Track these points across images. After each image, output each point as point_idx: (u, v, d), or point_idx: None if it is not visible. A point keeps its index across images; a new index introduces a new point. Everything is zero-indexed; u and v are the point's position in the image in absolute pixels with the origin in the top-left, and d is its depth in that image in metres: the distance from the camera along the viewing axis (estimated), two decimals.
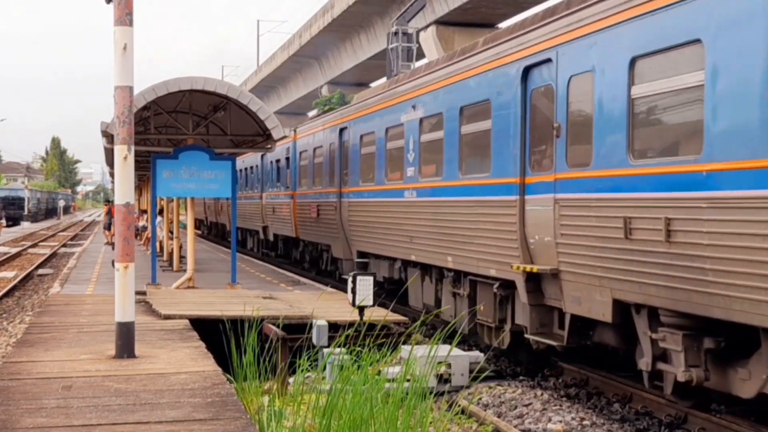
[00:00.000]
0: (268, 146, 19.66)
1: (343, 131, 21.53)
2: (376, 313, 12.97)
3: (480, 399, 11.54)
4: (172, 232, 25.55)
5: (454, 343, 8.92)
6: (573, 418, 10.50)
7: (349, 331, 9.20)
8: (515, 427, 10.18)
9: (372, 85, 62.53)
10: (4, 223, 65.42)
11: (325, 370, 9.31)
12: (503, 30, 13.75)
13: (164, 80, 17.19)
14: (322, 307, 14.54)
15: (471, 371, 11.86)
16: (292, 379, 9.32)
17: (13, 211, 79.08)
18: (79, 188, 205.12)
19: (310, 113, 71.42)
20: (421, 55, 41.91)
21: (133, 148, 10.01)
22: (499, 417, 10.62)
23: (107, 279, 19.39)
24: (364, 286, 12.66)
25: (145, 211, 34.86)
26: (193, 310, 13.99)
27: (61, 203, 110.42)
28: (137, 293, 11.65)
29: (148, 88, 16.92)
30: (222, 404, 7.78)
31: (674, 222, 8.93)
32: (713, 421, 9.73)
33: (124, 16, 9.85)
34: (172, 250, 24.51)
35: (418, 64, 31.10)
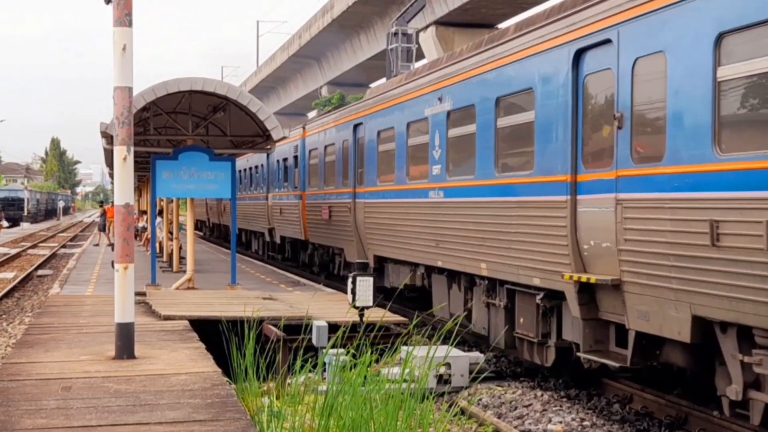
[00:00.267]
0: (268, 147, 19.66)
1: (358, 127, 20.22)
2: (377, 314, 12.96)
3: (480, 400, 11.53)
4: (171, 233, 25.54)
5: (452, 344, 8.87)
6: (573, 419, 10.48)
7: (342, 331, 9.14)
8: (515, 427, 10.17)
9: (372, 86, 62.65)
10: (4, 224, 65.45)
11: (325, 371, 9.30)
12: (541, 13, 12.31)
13: (163, 81, 17.19)
14: (322, 307, 14.54)
15: (471, 372, 11.85)
16: (292, 380, 9.31)
17: (13, 211, 79.18)
18: (79, 189, 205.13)
19: (310, 114, 71.51)
20: (420, 55, 41.90)
21: (132, 149, 10.00)
22: (499, 418, 10.61)
23: (107, 280, 19.38)
24: (364, 286, 12.64)
25: (145, 212, 34.88)
26: (193, 311, 13.99)
27: (61, 204, 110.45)
28: (137, 294, 11.66)
29: (147, 89, 16.91)
30: (222, 405, 7.78)
31: None
32: (713, 422, 9.71)
33: (124, 17, 9.84)
34: (172, 250, 24.51)
35: (417, 65, 31.08)
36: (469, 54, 14.16)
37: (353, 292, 12.62)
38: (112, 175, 13.40)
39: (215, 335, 10.83)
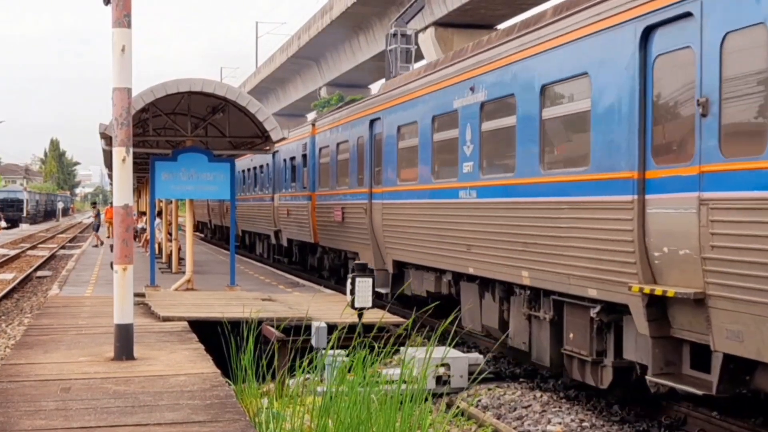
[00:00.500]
0: (267, 148, 19.67)
1: (375, 123, 18.86)
2: (376, 315, 12.95)
3: (479, 400, 11.53)
4: (171, 234, 25.54)
5: (451, 345, 8.85)
6: (572, 420, 10.48)
7: (339, 331, 9.13)
8: (514, 428, 10.17)
9: (371, 87, 62.69)
10: (2, 224, 65.45)
11: (324, 372, 9.30)
12: None
13: (162, 82, 17.19)
14: (321, 308, 14.54)
15: (470, 373, 11.84)
16: (291, 381, 9.31)
17: (12, 213, 79.27)
18: (78, 190, 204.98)
19: (309, 115, 71.50)
20: (419, 56, 41.90)
21: (131, 150, 10.00)
22: (498, 419, 10.61)
23: (106, 281, 19.38)
24: (363, 287, 12.63)
25: (144, 213, 34.89)
26: (192, 312, 13.99)
27: (60, 205, 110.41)
28: (136, 295, 11.66)
29: (146, 90, 16.92)
30: (221, 406, 7.77)
31: None
32: (713, 423, 9.71)
33: (122, 18, 9.84)
34: (171, 252, 24.51)
35: (416, 66, 31.08)
36: (506, 38, 12.83)
37: (352, 293, 12.62)
38: (111, 176, 13.40)
39: (214, 336, 10.81)
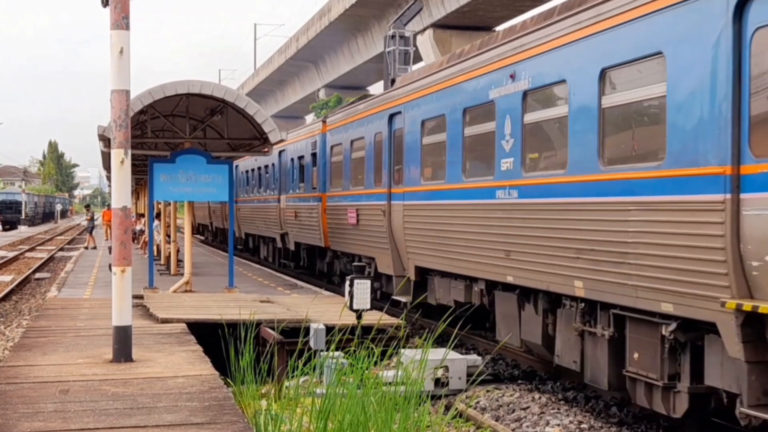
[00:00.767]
0: (266, 150, 19.67)
1: (395, 117, 17.52)
2: (374, 317, 12.95)
3: (477, 402, 11.53)
4: (169, 236, 25.54)
5: (450, 347, 8.86)
6: (571, 422, 10.48)
7: (337, 333, 9.13)
8: (513, 430, 10.18)
9: (370, 89, 62.70)
10: (0, 227, 65.43)
11: (323, 374, 9.30)
12: None
13: (161, 84, 17.20)
14: (319, 310, 14.53)
15: (469, 375, 11.84)
16: (290, 383, 9.31)
17: (11, 215, 79.35)
18: (77, 192, 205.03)
19: (308, 117, 71.57)
20: (418, 58, 41.94)
21: (130, 152, 10.00)
22: (496, 420, 10.61)
23: (104, 283, 19.38)
24: (362, 289, 12.63)
25: (143, 215, 34.87)
26: (191, 314, 13.98)
27: (59, 207, 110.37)
28: (134, 297, 11.65)
29: (144, 92, 16.92)
30: (219, 408, 7.77)
31: None
32: (712, 425, 9.71)
33: (121, 20, 9.84)
34: (170, 253, 24.51)
35: (414, 68, 31.10)
36: (554, 19, 11.44)
37: (351, 295, 12.62)
38: (109, 178, 13.38)
39: (213, 338, 10.82)
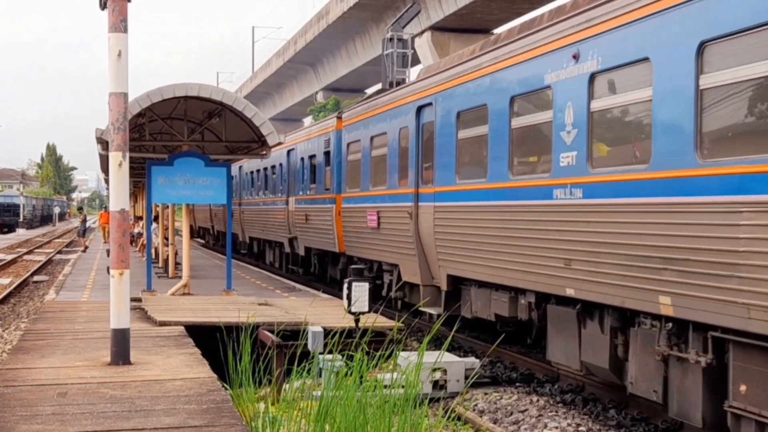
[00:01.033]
0: (263, 152, 19.66)
1: (424, 110, 15.99)
2: (372, 320, 12.95)
3: (476, 405, 11.53)
4: (167, 239, 25.53)
5: (444, 348, 8.81)
6: (569, 425, 10.49)
7: (335, 336, 9.11)
8: None
9: (368, 92, 62.75)
10: None
11: (320, 377, 9.31)
12: None
13: (159, 87, 17.20)
14: (317, 313, 14.54)
15: (467, 377, 11.85)
16: (287, 386, 9.31)
17: (9, 217, 79.37)
18: (75, 195, 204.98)
19: (306, 120, 71.58)
20: (416, 61, 41.97)
21: (128, 155, 10.00)
22: (494, 423, 10.62)
23: (102, 286, 19.37)
24: (360, 292, 12.63)
25: (141, 218, 34.86)
26: (189, 317, 13.98)
27: (57, 210, 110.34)
28: (132, 300, 11.65)
29: (142, 95, 16.92)
30: (217, 411, 7.77)
31: None
32: (710, 427, 9.71)
33: (119, 23, 9.84)
34: (168, 256, 24.50)
35: (413, 71, 31.12)
36: None
37: (349, 298, 12.62)
38: (107, 181, 13.41)
39: (211, 341, 10.82)
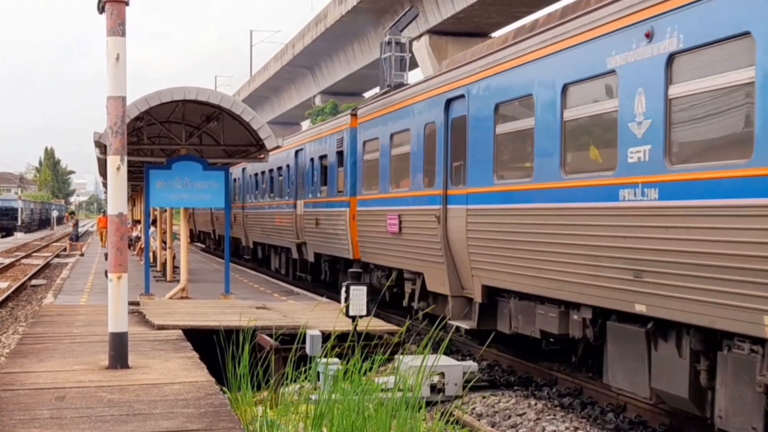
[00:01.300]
0: (261, 156, 19.67)
1: (453, 103, 14.56)
2: (370, 323, 12.96)
3: (473, 409, 11.53)
4: (165, 242, 25.52)
5: (441, 351, 8.82)
6: (567, 428, 10.49)
7: (333, 339, 9.12)
8: None
9: (366, 95, 62.80)
10: None
11: (319, 380, 9.31)
12: None
13: (157, 90, 17.20)
14: (315, 317, 14.53)
15: (465, 381, 11.84)
16: (286, 389, 9.32)
17: (7, 221, 79.41)
18: (73, 199, 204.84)
19: (304, 123, 71.59)
20: (414, 64, 42.02)
21: (126, 159, 10.00)
22: (492, 427, 10.62)
23: (100, 289, 19.35)
24: (358, 295, 12.63)
25: (139, 222, 34.85)
26: (187, 321, 13.97)
27: (55, 214, 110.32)
28: (130, 303, 11.65)
29: (140, 99, 16.92)
30: (215, 414, 7.77)
31: None
32: (708, 430, 9.71)
33: (117, 27, 9.85)
34: (166, 260, 24.49)
35: (411, 74, 31.14)
36: None
37: (346, 301, 12.62)
38: (105, 185, 13.40)
39: (209, 345, 10.82)
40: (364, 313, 12.64)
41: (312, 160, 24.29)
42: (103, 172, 23.40)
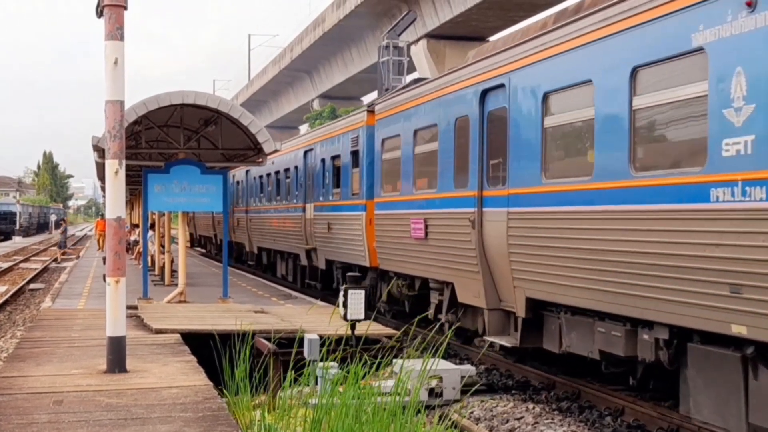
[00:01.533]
0: (259, 160, 19.69)
1: (490, 94, 13.15)
2: (372, 328, 12.95)
3: (472, 413, 11.53)
4: (163, 246, 25.52)
5: (440, 355, 8.79)
6: None
7: (331, 343, 9.13)
8: None
9: (363, 99, 62.86)
10: None
11: (317, 384, 9.31)
12: None
13: (155, 94, 17.22)
14: (313, 321, 14.53)
15: (464, 385, 11.84)
16: (283, 393, 9.31)
17: (5, 225, 79.35)
18: (71, 203, 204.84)
19: (302, 127, 71.64)
20: (412, 68, 42.05)
21: (124, 163, 10.02)
22: (490, 431, 10.62)
23: (98, 293, 19.35)
24: (356, 299, 12.62)
25: (137, 226, 34.84)
26: (185, 325, 13.97)
27: (53, 218, 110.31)
28: (128, 308, 11.66)
29: (138, 103, 16.94)
30: (213, 418, 7.78)
31: None
32: None
33: (115, 31, 9.87)
34: (164, 264, 24.49)
35: (409, 78, 31.14)
36: None
37: (345, 305, 12.61)
38: (104, 189, 13.40)
39: (207, 349, 10.82)
40: (362, 317, 12.63)
41: (323, 160, 22.96)
42: (102, 176, 23.41)
